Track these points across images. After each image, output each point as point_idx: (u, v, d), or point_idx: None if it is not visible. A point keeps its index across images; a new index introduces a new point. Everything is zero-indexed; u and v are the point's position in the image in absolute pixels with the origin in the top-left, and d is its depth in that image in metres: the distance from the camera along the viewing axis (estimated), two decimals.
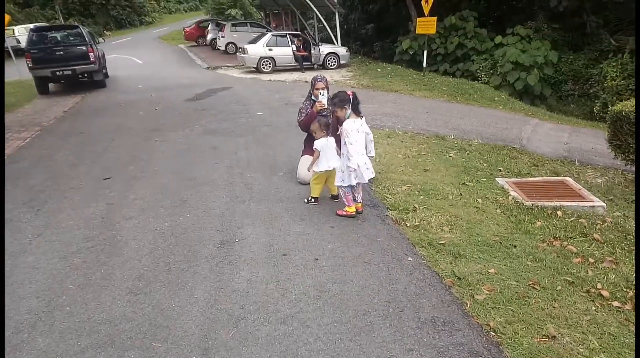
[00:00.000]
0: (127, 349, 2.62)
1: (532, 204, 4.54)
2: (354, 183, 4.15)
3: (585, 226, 4.12)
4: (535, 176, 5.59)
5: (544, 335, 2.71)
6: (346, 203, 4.25)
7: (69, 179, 5.48)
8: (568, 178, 5.34)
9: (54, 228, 4.17)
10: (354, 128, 4.05)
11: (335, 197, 4.54)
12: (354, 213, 4.27)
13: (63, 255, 3.67)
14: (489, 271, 3.38)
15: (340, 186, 4.22)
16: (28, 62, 11.71)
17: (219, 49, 23.31)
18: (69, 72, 11.96)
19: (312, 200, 4.54)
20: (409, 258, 3.59)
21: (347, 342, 2.66)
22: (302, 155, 5.22)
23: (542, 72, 13.91)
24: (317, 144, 4.35)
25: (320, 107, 4.78)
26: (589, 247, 3.77)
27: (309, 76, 5.38)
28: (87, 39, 12.57)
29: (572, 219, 4.27)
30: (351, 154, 4.03)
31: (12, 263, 3.56)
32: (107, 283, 3.27)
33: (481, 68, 15.34)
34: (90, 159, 6.29)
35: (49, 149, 6.93)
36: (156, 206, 4.61)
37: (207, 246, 3.77)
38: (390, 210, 4.43)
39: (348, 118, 4.11)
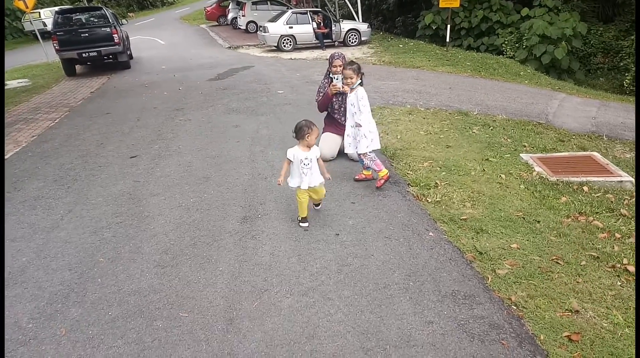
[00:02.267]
0: (155, 319, 2.72)
1: (557, 179, 4.46)
2: (378, 145, 4.31)
3: (612, 202, 4.03)
4: (561, 152, 5.47)
5: (566, 310, 2.70)
6: (377, 168, 4.29)
7: (97, 157, 5.63)
8: (595, 153, 5.20)
9: (84, 204, 4.32)
10: (366, 96, 4.19)
11: (317, 205, 4.01)
12: (388, 175, 4.32)
13: (93, 229, 3.81)
14: (511, 246, 3.36)
15: (365, 154, 4.26)
16: (55, 44, 11.92)
17: (239, 28, 23.23)
18: (95, 53, 12.15)
19: (300, 221, 3.79)
20: (430, 234, 3.59)
21: (367, 314, 2.71)
22: (322, 132, 5.23)
23: (570, 45, 13.40)
24: (316, 153, 3.76)
25: (335, 91, 4.78)
26: (615, 222, 3.70)
27: (329, 53, 5.35)
28: (111, 21, 12.69)
29: (598, 194, 4.19)
30: (368, 120, 4.19)
31: (45, 238, 3.72)
32: (136, 256, 3.39)
33: (506, 42, 14.88)
34: (117, 138, 6.44)
35: (78, 129, 7.11)
36: (181, 183, 4.71)
37: (230, 222, 3.85)
38: (411, 186, 4.42)
39: (354, 87, 4.21)
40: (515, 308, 2.72)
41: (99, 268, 3.26)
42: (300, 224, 3.76)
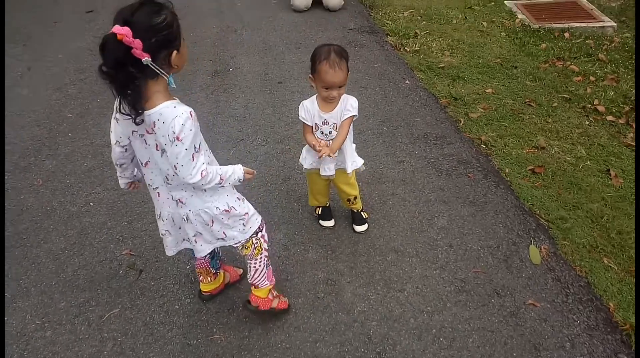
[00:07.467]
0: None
1: (540, 26, 4.31)
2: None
3: (591, 47, 3.95)
4: None
5: (533, 147, 2.79)
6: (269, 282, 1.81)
7: (50, 13, 5.13)
8: None
9: (44, 61, 4.05)
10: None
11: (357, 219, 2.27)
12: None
13: (57, 86, 3.63)
14: (486, 91, 3.36)
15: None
16: None
17: None
18: None
19: (318, 215, 2.33)
20: (406, 82, 3.53)
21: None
22: None
23: None
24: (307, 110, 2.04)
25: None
26: (592, 66, 3.67)
27: None
28: None
29: (579, 40, 4.08)
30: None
31: (7, 96, 3.53)
32: (105, 111, 3.29)
33: None
34: None
35: None
36: None
37: (200, 76, 3.70)
38: (390, 36, 4.24)
39: None
40: (484, 146, 2.80)
41: (68, 123, 3.18)
42: (321, 222, 2.28)
